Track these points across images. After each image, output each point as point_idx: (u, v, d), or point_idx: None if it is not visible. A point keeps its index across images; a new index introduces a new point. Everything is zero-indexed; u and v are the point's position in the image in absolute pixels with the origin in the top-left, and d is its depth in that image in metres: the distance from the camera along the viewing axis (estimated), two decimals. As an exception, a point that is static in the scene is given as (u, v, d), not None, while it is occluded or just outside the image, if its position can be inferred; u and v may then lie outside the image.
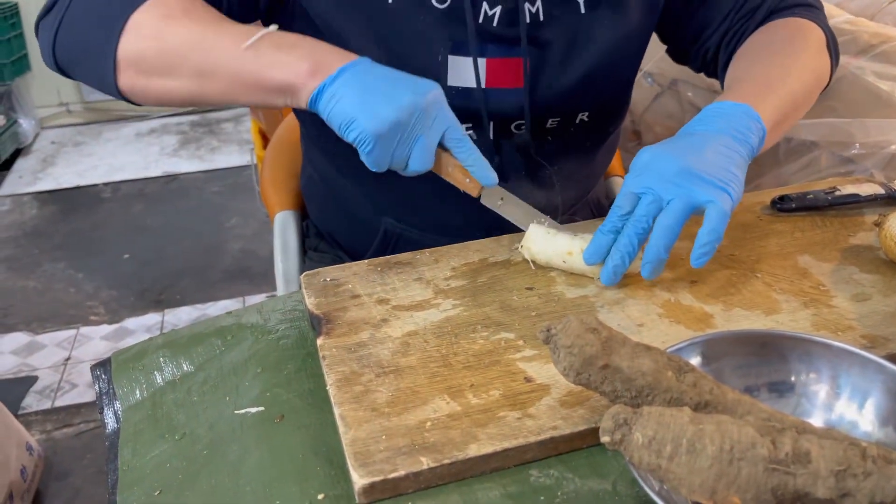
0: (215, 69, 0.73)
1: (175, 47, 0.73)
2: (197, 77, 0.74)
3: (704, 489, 0.47)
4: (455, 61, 0.84)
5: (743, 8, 0.93)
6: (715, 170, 0.70)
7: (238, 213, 2.88)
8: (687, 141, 0.74)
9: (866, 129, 1.29)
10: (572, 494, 0.55)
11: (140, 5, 0.73)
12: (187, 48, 0.72)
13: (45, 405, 1.93)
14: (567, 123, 0.92)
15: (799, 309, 0.71)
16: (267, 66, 0.71)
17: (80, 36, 0.75)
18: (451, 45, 0.83)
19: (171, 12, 0.73)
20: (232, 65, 0.71)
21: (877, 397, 0.57)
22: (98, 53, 0.74)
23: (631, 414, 0.49)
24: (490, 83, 0.86)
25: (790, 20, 0.91)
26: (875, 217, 0.83)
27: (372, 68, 0.71)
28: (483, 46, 0.84)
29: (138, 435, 0.67)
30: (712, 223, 0.69)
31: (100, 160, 3.40)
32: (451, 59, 0.84)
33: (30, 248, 2.69)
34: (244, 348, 0.74)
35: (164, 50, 0.73)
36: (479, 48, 0.84)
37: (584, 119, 0.92)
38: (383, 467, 0.55)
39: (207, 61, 0.72)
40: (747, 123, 0.75)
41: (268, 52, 0.71)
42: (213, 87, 0.74)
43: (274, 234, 1.18)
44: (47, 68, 0.81)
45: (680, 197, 0.69)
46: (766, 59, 0.85)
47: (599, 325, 0.55)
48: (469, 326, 0.70)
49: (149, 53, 0.73)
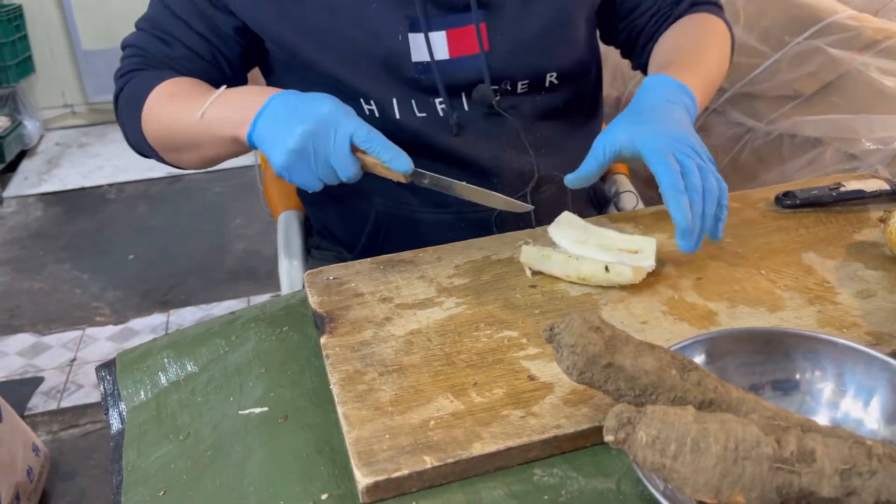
0: (197, 140, 0.86)
1: (168, 130, 0.88)
2: (191, 149, 0.88)
3: (709, 488, 0.47)
4: (415, 38, 0.89)
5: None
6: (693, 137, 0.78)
7: (242, 213, 2.88)
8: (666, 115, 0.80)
9: (871, 125, 1.29)
10: (576, 493, 0.55)
11: (148, 96, 0.88)
12: (174, 129, 0.87)
13: (51, 406, 1.94)
14: (538, 85, 0.95)
15: (803, 306, 0.71)
16: (218, 126, 0.82)
17: (132, 134, 0.93)
18: (409, 23, 0.88)
19: (162, 99, 0.87)
20: (202, 135, 0.84)
21: (882, 395, 0.57)
22: (144, 142, 0.92)
23: (635, 413, 0.49)
24: (454, 53, 0.90)
25: (707, 17, 1.01)
26: (880, 213, 0.82)
27: (280, 102, 0.78)
28: (440, 19, 0.89)
29: (143, 435, 0.67)
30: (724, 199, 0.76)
31: (104, 161, 3.41)
32: (412, 36, 0.88)
33: (35, 250, 2.70)
34: (248, 348, 0.74)
35: (164, 133, 0.89)
36: (436, 21, 0.89)
37: (554, 81, 0.96)
38: (387, 466, 0.55)
39: (188, 135, 0.86)
40: (686, 100, 0.83)
41: (217, 113, 0.82)
42: (205, 153, 0.88)
43: (278, 233, 1.18)
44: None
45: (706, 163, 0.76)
46: (690, 44, 0.95)
47: (602, 324, 0.54)
48: (472, 325, 0.70)
49: (157, 137, 0.90)
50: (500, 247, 0.83)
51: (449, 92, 0.91)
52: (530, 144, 0.96)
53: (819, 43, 1.41)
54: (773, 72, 1.48)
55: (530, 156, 0.96)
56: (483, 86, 0.91)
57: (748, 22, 1.54)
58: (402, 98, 0.91)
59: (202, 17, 0.91)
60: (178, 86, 0.89)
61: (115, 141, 3.63)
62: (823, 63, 1.39)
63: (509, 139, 0.96)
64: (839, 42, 1.39)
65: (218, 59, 0.94)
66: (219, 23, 0.91)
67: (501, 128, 0.95)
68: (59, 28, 3.57)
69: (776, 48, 1.48)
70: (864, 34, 1.37)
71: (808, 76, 1.42)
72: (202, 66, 0.93)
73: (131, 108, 0.91)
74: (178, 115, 0.86)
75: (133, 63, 0.94)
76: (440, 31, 0.89)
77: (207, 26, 0.91)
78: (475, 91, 0.91)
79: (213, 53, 0.93)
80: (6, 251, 2.69)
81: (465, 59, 0.90)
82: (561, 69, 0.95)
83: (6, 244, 2.74)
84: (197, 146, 0.87)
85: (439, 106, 0.92)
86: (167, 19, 0.92)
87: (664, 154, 0.74)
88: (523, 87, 0.94)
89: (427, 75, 0.90)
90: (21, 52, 3.40)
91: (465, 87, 0.92)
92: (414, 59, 0.89)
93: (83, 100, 3.73)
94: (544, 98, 0.97)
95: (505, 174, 0.96)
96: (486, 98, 0.92)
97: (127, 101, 0.92)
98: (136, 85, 0.91)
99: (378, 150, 0.76)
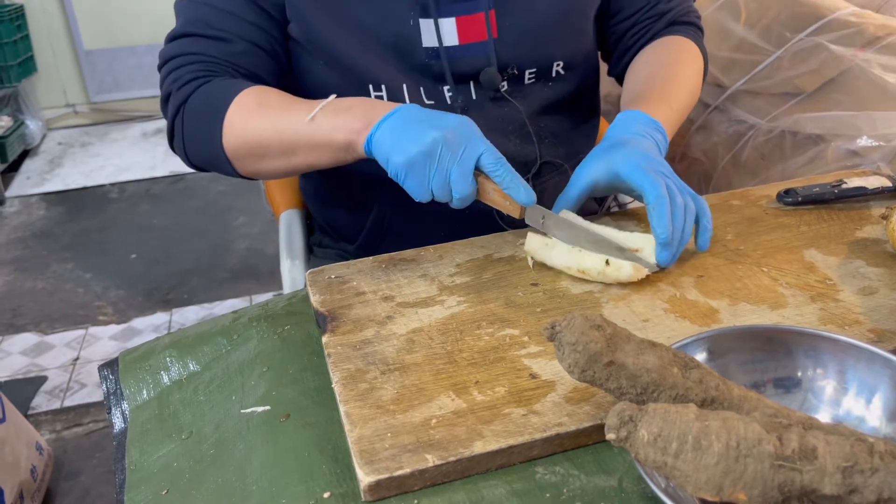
0: (293, 146, 0.84)
1: (259, 138, 0.85)
2: (283, 156, 0.86)
3: (711, 486, 0.47)
4: (426, 24, 0.89)
5: (653, 10, 1.04)
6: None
7: (244, 212, 2.89)
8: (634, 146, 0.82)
9: (873, 121, 1.28)
10: (578, 491, 0.55)
11: (229, 106, 0.86)
12: (268, 136, 0.85)
13: (54, 405, 1.94)
14: (545, 74, 0.96)
15: (805, 303, 0.71)
16: (329, 131, 0.80)
17: (201, 146, 0.91)
18: (420, 8, 0.89)
19: (250, 108, 0.85)
20: (303, 139, 0.82)
21: (884, 392, 0.57)
22: (215, 154, 0.89)
23: (636, 411, 0.49)
24: (464, 39, 0.91)
25: (683, 41, 1.03)
26: (882, 210, 0.82)
27: (409, 112, 0.77)
28: (450, 6, 0.90)
29: (145, 434, 0.67)
30: (707, 211, 0.80)
31: (107, 161, 3.41)
32: (423, 22, 0.89)
33: (38, 249, 2.70)
34: (250, 347, 0.74)
35: (253, 141, 0.86)
36: (446, 8, 0.89)
37: (560, 71, 0.97)
38: (389, 465, 0.55)
39: (284, 142, 0.84)
40: (657, 136, 0.86)
41: (328, 119, 0.81)
42: (297, 160, 0.85)
43: (279, 232, 1.18)
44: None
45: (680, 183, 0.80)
46: (665, 74, 0.97)
47: (604, 322, 0.54)
48: (474, 323, 0.70)
49: (243, 147, 0.87)
50: (502, 245, 0.83)
51: (457, 79, 0.92)
52: (535, 133, 0.98)
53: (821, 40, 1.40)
54: (774, 69, 1.48)
55: (534, 144, 0.98)
56: (490, 69, 0.92)
57: (749, 19, 1.54)
58: (411, 84, 0.92)
59: (250, 4, 0.89)
60: (264, 94, 0.87)
61: (116, 140, 3.63)
62: (825, 60, 1.39)
63: (515, 128, 0.97)
64: (841, 39, 1.39)
65: (275, 48, 0.92)
66: (268, 5, 0.90)
67: (507, 116, 0.96)
68: (60, 28, 3.57)
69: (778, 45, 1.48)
70: (866, 31, 1.37)
71: (809, 73, 1.41)
72: (264, 58, 0.92)
73: (206, 118, 0.88)
74: (274, 122, 0.84)
75: (192, 71, 0.90)
76: (449, 17, 0.90)
77: (257, 14, 0.90)
78: (482, 74, 0.92)
79: (270, 42, 0.91)
80: (9, 251, 2.69)
81: (474, 45, 0.91)
82: (567, 59, 0.97)
83: (9, 244, 2.74)
84: (293, 152, 0.85)
85: (447, 94, 0.93)
86: (216, 17, 0.89)
87: (646, 170, 0.77)
88: (531, 76, 0.96)
89: (437, 61, 0.91)
90: (23, 51, 3.40)
91: (473, 75, 0.93)
92: (424, 44, 0.90)
93: (85, 99, 3.74)
94: (550, 89, 0.98)
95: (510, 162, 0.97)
96: (492, 81, 0.92)
97: (199, 112, 0.89)
98: (209, 94, 0.88)
99: (503, 175, 0.76)
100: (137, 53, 3.70)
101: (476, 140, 0.76)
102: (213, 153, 0.89)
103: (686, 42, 1.02)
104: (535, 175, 0.99)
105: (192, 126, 0.90)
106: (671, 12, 1.04)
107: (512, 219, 0.95)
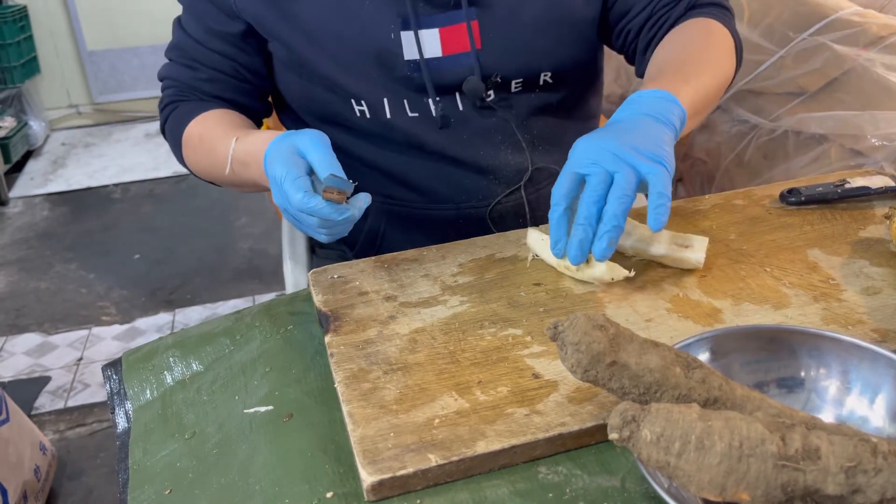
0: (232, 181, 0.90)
1: (206, 171, 0.94)
2: (232, 184, 0.93)
3: (713, 486, 0.47)
4: (407, 36, 0.88)
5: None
6: (649, 145, 0.71)
7: (247, 212, 2.89)
8: (617, 126, 0.75)
9: (876, 121, 1.28)
10: (581, 491, 0.55)
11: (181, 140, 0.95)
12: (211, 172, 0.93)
13: (57, 405, 1.95)
14: (531, 84, 0.94)
15: (809, 303, 0.71)
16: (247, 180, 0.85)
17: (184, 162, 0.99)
18: (401, 21, 0.88)
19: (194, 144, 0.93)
20: (233, 178, 0.88)
21: (888, 392, 0.57)
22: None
23: (639, 411, 0.49)
24: (447, 51, 0.90)
25: (705, 21, 0.93)
26: (885, 210, 0.82)
27: (272, 147, 0.76)
28: (432, 17, 0.88)
29: (149, 434, 0.67)
30: (658, 187, 0.69)
31: (110, 161, 3.42)
32: (404, 34, 0.88)
33: (42, 250, 2.71)
34: (253, 347, 0.74)
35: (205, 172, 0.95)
36: (427, 19, 0.88)
37: (548, 80, 0.95)
38: (392, 465, 0.55)
39: (224, 180, 0.92)
40: (667, 106, 0.76)
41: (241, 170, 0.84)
42: (245, 189, 0.93)
43: (282, 233, 1.18)
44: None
45: (625, 169, 0.70)
46: (682, 55, 0.88)
47: (607, 322, 0.54)
48: (476, 323, 0.70)
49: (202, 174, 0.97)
50: (505, 244, 0.83)
51: (441, 90, 0.91)
52: (526, 141, 0.96)
53: (824, 39, 1.40)
54: (777, 68, 1.48)
55: (525, 152, 0.96)
56: (473, 78, 0.91)
57: (753, 18, 1.54)
58: (393, 98, 0.91)
59: (215, 35, 0.93)
60: (203, 128, 0.92)
61: (120, 141, 3.64)
62: (828, 59, 1.39)
63: (504, 137, 0.95)
64: (844, 38, 1.39)
65: (241, 73, 0.95)
66: (230, 35, 0.92)
67: (496, 125, 0.95)
68: (64, 28, 3.58)
69: (781, 45, 1.48)
70: (869, 30, 1.37)
71: (812, 73, 1.41)
72: (230, 84, 0.96)
73: (174, 144, 0.97)
74: (211, 160, 0.90)
75: (169, 95, 0.97)
76: (432, 28, 0.89)
77: (222, 42, 0.93)
78: (465, 83, 0.91)
79: (235, 69, 0.95)
80: (13, 251, 2.70)
81: (458, 56, 0.90)
82: (555, 69, 0.94)
83: (13, 244, 2.75)
84: (237, 184, 0.92)
85: (432, 105, 0.92)
86: (188, 44, 0.95)
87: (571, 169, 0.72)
88: (517, 86, 0.94)
89: (419, 73, 0.90)
90: (26, 52, 3.41)
91: (457, 85, 0.91)
92: (406, 57, 0.89)
93: (88, 100, 3.74)
94: (539, 96, 0.96)
95: (501, 172, 0.96)
96: (476, 90, 0.91)
97: (170, 136, 0.97)
98: (173, 122, 0.96)
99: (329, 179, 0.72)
100: (140, 54, 3.71)
101: (298, 138, 0.73)
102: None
103: (710, 22, 0.93)
104: (527, 182, 0.97)
105: (172, 146, 0.99)
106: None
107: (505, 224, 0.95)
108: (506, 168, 0.96)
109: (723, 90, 0.92)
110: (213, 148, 0.89)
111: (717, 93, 0.89)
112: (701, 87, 0.83)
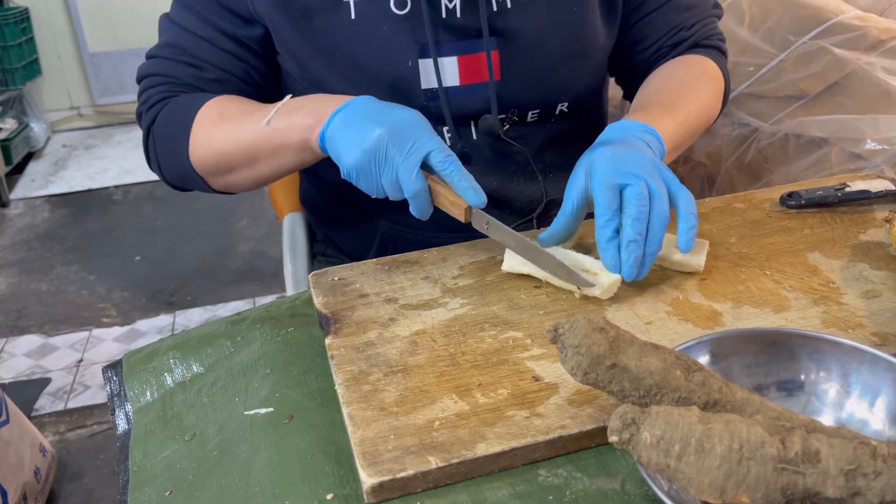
0: (254, 153, 0.83)
1: (222, 150, 0.85)
2: (248, 166, 0.85)
3: (713, 489, 0.47)
4: (425, 64, 0.86)
5: (674, 38, 0.98)
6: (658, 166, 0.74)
7: (248, 214, 2.89)
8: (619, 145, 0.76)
9: (876, 125, 1.28)
10: (581, 493, 0.55)
11: (193, 122, 0.86)
12: (230, 147, 0.84)
13: (58, 407, 1.95)
14: (548, 114, 0.93)
15: (809, 306, 0.71)
16: (285, 132, 0.79)
17: (173, 165, 0.90)
18: (419, 49, 0.86)
19: (212, 120, 0.85)
20: (263, 144, 0.81)
21: (887, 395, 0.57)
22: (186, 172, 0.89)
23: (639, 413, 0.49)
24: (466, 80, 0.88)
25: (700, 59, 0.97)
26: (885, 213, 0.82)
27: (359, 106, 0.75)
28: (452, 45, 0.86)
29: (149, 436, 0.68)
30: (689, 207, 0.72)
31: (111, 163, 3.43)
32: (422, 62, 0.86)
33: (42, 251, 2.71)
34: (253, 349, 0.74)
35: (217, 154, 0.86)
36: (447, 47, 0.86)
37: (565, 109, 0.94)
38: (392, 467, 0.55)
39: (245, 150, 0.83)
40: (648, 138, 0.79)
41: (283, 120, 0.79)
42: (262, 167, 0.85)
43: (283, 235, 1.18)
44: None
45: (660, 185, 0.72)
46: (675, 88, 0.91)
47: (607, 325, 0.54)
48: (477, 325, 0.70)
49: (210, 161, 0.87)
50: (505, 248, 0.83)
51: (458, 120, 0.89)
52: (539, 171, 0.95)
53: (824, 43, 1.40)
54: (778, 72, 1.48)
55: (539, 182, 0.95)
56: (489, 116, 0.89)
57: (753, 22, 1.54)
58: None
59: (227, 36, 0.89)
60: (225, 105, 0.86)
61: (121, 143, 3.64)
62: (829, 63, 1.39)
63: (518, 167, 0.94)
64: (845, 42, 1.39)
65: (251, 75, 0.91)
66: (243, 37, 0.89)
67: (510, 157, 0.93)
68: (65, 30, 3.59)
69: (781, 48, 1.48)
70: (870, 34, 1.37)
71: (813, 76, 1.41)
72: (237, 86, 0.91)
73: (172, 136, 0.88)
74: (235, 132, 0.83)
75: (160, 92, 0.90)
76: (451, 56, 0.86)
77: (235, 43, 0.89)
78: (481, 121, 0.89)
79: (245, 70, 0.91)
80: (13, 253, 2.70)
81: (476, 86, 0.88)
82: (573, 99, 0.93)
83: (13, 246, 2.75)
84: (256, 161, 0.84)
85: (447, 135, 0.90)
86: (193, 43, 0.89)
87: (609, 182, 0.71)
88: (533, 116, 0.92)
89: (436, 102, 0.87)
90: (28, 54, 3.41)
91: (474, 116, 0.89)
92: (423, 85, 0.87)
93: (90, 102, 3.75)
94: (553, 126, 0.95)
95: (514, 202, 0.95)
96: (492, 128, 0.89)
97: (165, 131, 0.89)
98: (173, 113, 0.88)
99: (452, 173, 0.72)
100: (142, 56, 3.67)
101: (424, 136, 0.72)
102: (184, 171, 0.89)
103: (704, 60, 0.97)
104: (541, 213, 0.96)
105: (162, 147, 0.90)
106: (693, 37, 0.98)
107: None
108: (519, 198, 0.95)
109: (704, 128, 0.95)
110: (244, 113, 0.83)
111: (698, 131, 0.92)
112: (684, 126, 0.86)
